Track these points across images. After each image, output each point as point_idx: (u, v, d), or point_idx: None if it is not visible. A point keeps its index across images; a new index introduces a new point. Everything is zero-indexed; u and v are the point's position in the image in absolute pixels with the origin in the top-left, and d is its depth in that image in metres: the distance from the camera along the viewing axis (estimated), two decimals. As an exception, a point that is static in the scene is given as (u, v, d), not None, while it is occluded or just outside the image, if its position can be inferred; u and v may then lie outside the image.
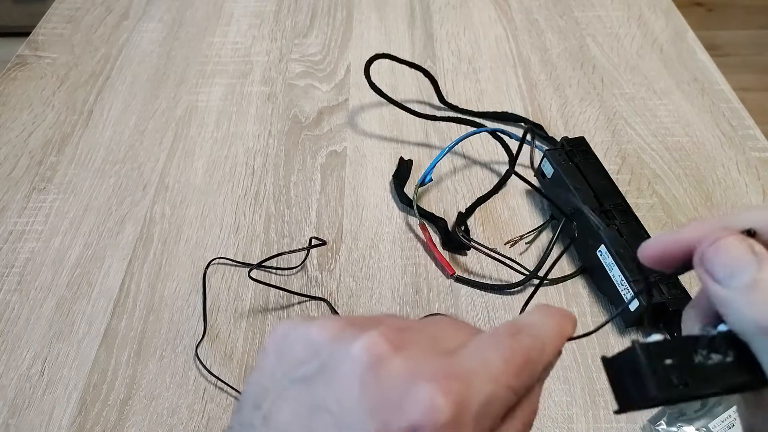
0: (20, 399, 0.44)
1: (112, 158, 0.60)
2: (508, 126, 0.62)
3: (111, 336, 0.47)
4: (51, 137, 0.63)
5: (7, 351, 0.46)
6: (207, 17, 0.78)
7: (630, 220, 0.48)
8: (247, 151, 0.61)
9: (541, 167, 0.54)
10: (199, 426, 0.42)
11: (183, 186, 0.58)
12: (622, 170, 0.58)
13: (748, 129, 0.62)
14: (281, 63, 0.71)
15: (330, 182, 0.58)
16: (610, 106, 0.65)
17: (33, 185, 0.58)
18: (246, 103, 0.66)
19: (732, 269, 0.19)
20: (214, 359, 0.46)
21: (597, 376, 0.44)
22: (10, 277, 0.51)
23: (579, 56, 0.71)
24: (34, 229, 0.54)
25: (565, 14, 0.77)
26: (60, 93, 0.68)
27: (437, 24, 0.76)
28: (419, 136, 0.62)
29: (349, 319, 0.21)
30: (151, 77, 0.69)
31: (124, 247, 0.53)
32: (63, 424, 0.42)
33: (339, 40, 0.74)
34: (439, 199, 0.56)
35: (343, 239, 0.53)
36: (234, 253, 0.52)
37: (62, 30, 0.76)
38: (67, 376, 0.45)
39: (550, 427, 0.42)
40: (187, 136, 0.63)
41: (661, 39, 0.73)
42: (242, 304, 0.49)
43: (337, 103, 0.66)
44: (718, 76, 0.68)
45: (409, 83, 0.68)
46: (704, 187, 0.56)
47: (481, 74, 0.69)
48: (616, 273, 0.45)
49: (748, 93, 1.78)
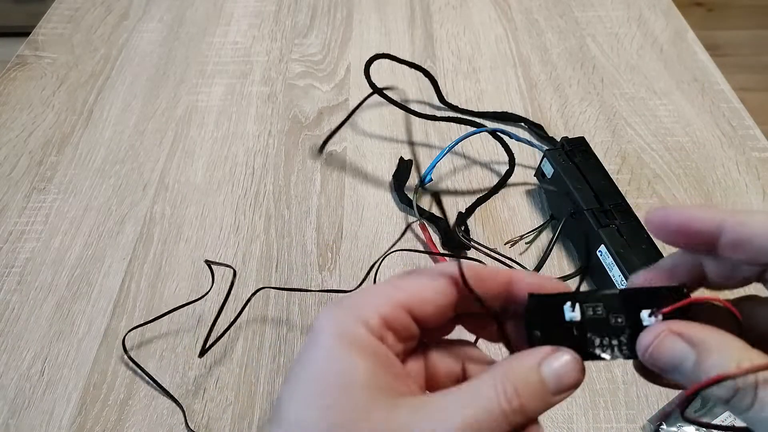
0: (20, 399, 0.44)
1: (112, 158, 0.60)
2: (508, 126, 0.62)
3: (111, 336, 0.47)
4: (51, 137, 0.63)
5: (7, 351, 0.46)
6: (207, 17, 0.78)
7: (630, 220, 0.48)
8: (247, 151, 0.61)
9: (541, 167, 0.54)
10: (199, 426, 0.42)
11: (183, 186, 0.58)
12: (622, 170, 0.58)
13: (748, 129, 0.62)
14: (281, 63, 0.71)
15: (330, 182, 0.58)
16: (610, 106, 0.65)
17: (33, 185, 0.58)
18: (246, 103, 0.66)
19: (675, 366, 0.21)
20: (214, 359, 0.46)
21: (597, 376, 0.44)
22: (10, 277, 0.51)
23: (579, 56, 0.71)
24: (34, 229, 0.54)
25: (565, 14, 0.77)
26: (60, 93, 0.68)
27: (437, 24, 0.76)
28: (419, 136, 0.62)
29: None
30: (151, 77, 0.69)
31: (124, 247, 0.53)
32: (63, 424, 0.42)
33: (339, 40, 0.74)
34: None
35: (343, 239, 0.53)
36: (234, 252, 0.52)
37: (62, 30, 0.76)
38: (67, 376, 0.45)
39: (550, 427, 0.42)
40: (187, 136, 0.63)
41: (661, 39, 0.73)
42: (242, 305, 0.49)
43: (337, 103, 0.66)
44: (718, 76, 0.68)
45: (409, 83, 0.68)
46: (704, 187, 0.56)
47: (481, 74, 0.69)
48: (616, 273, 0.45)
49: (748, 93, 1.78)
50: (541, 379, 0.22)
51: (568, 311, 0.23)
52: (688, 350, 0.20)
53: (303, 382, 0.22)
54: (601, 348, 0.22)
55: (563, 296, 0.23)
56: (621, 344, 0.22)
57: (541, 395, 0.22)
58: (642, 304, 0.22)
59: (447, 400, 0.21)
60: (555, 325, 0.23)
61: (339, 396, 0.21)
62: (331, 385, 0.21)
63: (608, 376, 0.44)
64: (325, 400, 0.21)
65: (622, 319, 0.22)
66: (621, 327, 0.22)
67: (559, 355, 0.22)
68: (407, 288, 0.24)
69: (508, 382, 0.21)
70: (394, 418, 0.21)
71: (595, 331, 0.22)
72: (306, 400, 0.21)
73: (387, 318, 0.23)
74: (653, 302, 0.22)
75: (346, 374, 0.21)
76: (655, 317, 0.22)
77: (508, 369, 0.22)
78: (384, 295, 0.23)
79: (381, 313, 0.23)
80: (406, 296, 0.23)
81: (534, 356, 0.22)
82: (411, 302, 0.23)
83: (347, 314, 0.23)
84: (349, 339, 0.22)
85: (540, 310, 0.23)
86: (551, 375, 0.22)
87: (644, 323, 0.22)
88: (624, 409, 0.43)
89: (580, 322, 0.22)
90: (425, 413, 0.21)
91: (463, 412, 0.21)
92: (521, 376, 0.22)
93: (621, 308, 0.22)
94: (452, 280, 0.24)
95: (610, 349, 0.22)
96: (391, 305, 0.23)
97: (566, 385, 0.22)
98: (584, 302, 0.23)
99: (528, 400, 0.21)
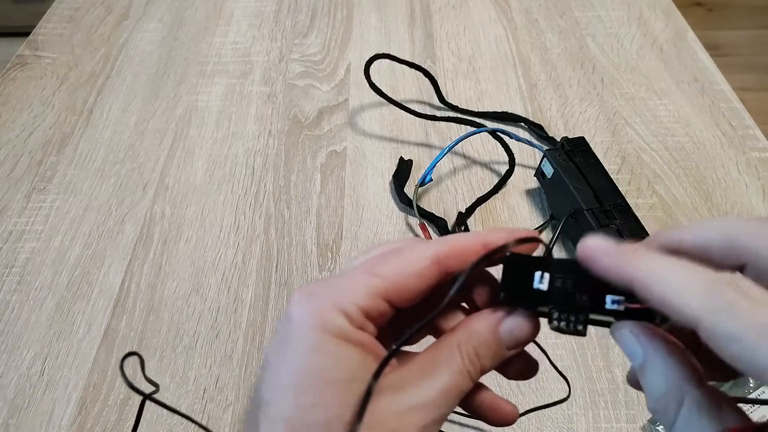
0: (20, 399, 0.44)
1: (112, 158, 0.60)
2: (508, 126, 0.62)
3: (111, 336, 0.47)
4: (51, 137, 0.63)
5: (7, 351, 0.46)
6: (207, 17, 0.78)
7: (630, 220, 0.48)
8: (247, 151, 0.61)
9: (541, 167, 0.54)
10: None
11: (183, 186, 0.58)
12: (622, 170, 0.58)
13: (748, 129, 0.62)
14: (281, 63, 0.71)
15: (330, 182, 0.58)
16: (610, 106, 0.65)
17: (33, 185, 0.58)
18: (246, 103, 0.66)
19: (629, 354, 0.22)
20: (214, 359, 0.46)
21: (597, 376, 0.44)
22: (10, 277, 0.51)
23: (579, 56, 0.71)
24: (34, 229, 0.54)
25: (565, 14, 0.77)
26: (60, 93, 0.68)
27: (437, 24, 0.76)
28: (419, 136, 0.62)
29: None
30: (151, 77, 0.69)
31: (124, 247, 0.53)
32: (63, 424, 0.42)
33: (339, 40, 0.74)
34: (439, 199, 0.56)
35: (343, 239, 0.53)
36: (234, 252, 0.52)
37: (62, 30, 0.76)
38: (67, 376, 0.45)
39: (550, 427, 0.42)
40: (187, 136, 0.63)
41: (661, 39, 0.73)
42: (242, 304, 0.49)
43: (337, 103, 0.66)
44: (718, 76, 0.68)
45: (409, 83, 0.68)
46: (704, 187, 0.56)
47: (481, 74, 0.69)
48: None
49: (748, 93, 1.78)
50: (498, 340, 0.23)
51: (536, 280, 0.23)
52: (640, 352, 0.21)
53: (285, 376, 0.21)
54: (558, 321, 0.23)
55: (537, 263, 0.23)
56: (578, 321, 0.22)
57: (498, 354, 0.24)
58: (609, 287, 0.22)
59: (422, 374, 0.23)
60: (523, 289, 0.23)
61: (323, 392, 0.21)
62: (315, 381, 0.21)
63: (608, 377, 0.44)
64: (309, 397, 0.21)
65: (586, 297, 0.22)
66: (583, 306, 0.22)
67: (515, 316, 0.24)
68: (386, 275, 0.23)
69: (470, 346, 0.23)
70: (380, 409, 0.21)
71: (558, 304, 0.22)
72: (290, 398, 0.21)
73: (366, 309, 0.22)
74: (621, 288, 0.22)
75: (329, 369, 0.21)
76: (617, 306, 0.22)
77: (470, 333, 0.24)
78: (363, 284, 0.23)
79: (360, 304, 0.22)
80: (385, 285, 0.23)
81: (492, 319, 0.24)
82: (390, 291, 0.23)
83: (325, 303, 0.22)
84: (330, 331, 0.22)
85: (512, 275, 0.23)
86: (507, 335, 0.24)
87: (606, 307, 0.22)
88: (624, 409, 0.43)
89: (546, 292, 0.23)
90: (406, 393, 0.22)
91: (438, 382, 0.22)
92: (480, 339, 0.23)
93: (589, 286, 0.22)
94: (434, 260, 0.23)
95: (566, 323, 0.22)
96: (370, 295, 0.22)
97: (520, 342, 0.24)
98: (556, 272, 0.23)
99: (486, 360, 0.23)
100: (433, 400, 0.22)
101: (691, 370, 0.20)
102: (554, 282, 0.23)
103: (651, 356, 0.21)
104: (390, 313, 0.23)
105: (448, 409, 0.23)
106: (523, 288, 0.23)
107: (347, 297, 0.22)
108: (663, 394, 0.20)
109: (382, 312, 0.23)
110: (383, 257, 0.24)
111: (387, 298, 0.23)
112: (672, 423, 0.20)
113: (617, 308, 0.22)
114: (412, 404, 0.22)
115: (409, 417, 0.22)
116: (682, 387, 0.20)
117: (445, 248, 0.24)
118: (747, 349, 0.17)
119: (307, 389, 0.21)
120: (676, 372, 0.20)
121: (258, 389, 0.22)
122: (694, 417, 0.19)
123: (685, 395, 0.20)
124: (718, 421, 0.19)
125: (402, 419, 0.21)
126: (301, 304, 0.22)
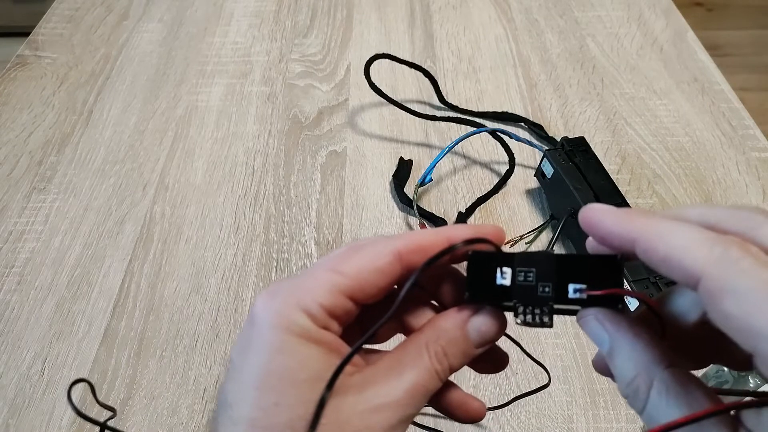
0: (20, 399, 0.44)
1: (112, 158, 0.60)
2: (508, 126, 0.62)
3: (111, 336, 0.47)
4: (51, 137, 0.63)
5: (7, 351, 0.46)
6: (207, 17, 0.78)
7: (630, 220, 0.48)
8: (247, 151, 0.61)
9: (541, 167, 0.54)
10: (199, 426, 0.42)
11: (183, 186, 0.58)
12: (622, 170, 0.58)
13: (748, 129, 0.62)
14: (281, 63, 0.71)
15: (330, 182, 0.58)
16: (610, 106, 0.65)
17: (33, 185, 0.58)
18: (246, 103, 0.66)
19: (597, 341, 0.22)
20: (213, 359, 0.46)
21: (597, 376, 0.44)
22: (10, 277, 0.51)
23: (579, 56, 0.71)
24: (34, 229, 0.54)
25: (565, 14, 0.77)
26: (60, 93, 0.68)
27: (437, 24, 0.76)
28: (419, 136, 0.62)
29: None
30: (151, 77, 0.69)
31: (124, 247, 0.53)
32: (63, 424, 0.42)
33: (339, 40, 0.74)
34: (439, 199, 0.56)
35: (343, 239, 0.53)
36: (234, 252, 0.52)
37: (62, 30, 0.76)
38: (67, 376, 0.45)
39: (550, 427, 0.42)
40: (187, 136, 0.63)
41: (661, 39, 0.73)
42: (242, 304, 0.49)
43: (337, 103, 0.66)
44: (718, 76, 0.68)
45: (409, 83, 0.68)
46: (704, 187, 0.56)
47: (481, 74, 0.69)
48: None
49: (748, 93, 1.78)
50: (466, 338, 0.23)
51: (499, 276, 0.23)
52: (606, 338, 0.21)
53: (248, 377, 0.21)
54: (523, 314, 0.23)
55: (500, 258, 0.23)
56: (543, 313, 0.22)
57: (467, 352, 0.24)
58: (572, 276, 0.22)
59: (388, 373, 0.23)
60: (487, 286, 0.23)
61: (286, 392, 0.21)
62: (277, 381, 0.21)
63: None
64: (272, 397, 0.21)
65: (549, 288, 0.22)
66: (546, 297, 0.22)
67: (481, 314, 0.23)
68: (349, 272, 0.22)
69: (438, 345, 0.23)
70: (344, 408, 0.21)
71: (521, 299, 0.23)
72: (253, 398, 0.21)
73: (329, 307, 0.22)
74: (583, 276, 0.22)
75: (292, 369, 0.21)
76: (580, 294, 0.22)
77: (438, 332, 0.23)
78: (325, 282, 0.22)
79: (323, 303, 0.22)
80: (348, 283, 0.22)
81: (459, 317, 0.24)
82: (353, 289, 0.22)
83: (288, 303, 0.22)
84: (293, 331, 0.21)
85: (476, 272, 0.23)
86: (474, 333, 0.23)
87: (569, 296, 0.22)
88: (624, 409, 0.43)
89: (509, 287, 0.23)
90: (371, 392, 0.22)
91: (404, 382, 0.22)
92: (448, 337, 0.23)
93: (551, 276, 0.22)
94: (396, 256, 0.23)
95: (531, 316, 0.22)
96: (333, 294, 0.22)
97: (488, 339, 0.24)
98: (518, 266, 0.23)
99: (454, 359, 0.23)
100: (399, 400, 0.22)
101: (659, 352, 0.20)
102: (516, 276, 0.23)
103: (617, 341, 0.21)
104: (355, 311, 0.23)
105: (414, 409, 0.22)
106: (487, 285, 0.23)
107: (310, 296, 0.22)
108: (632, 379, 0.20)
109: (347, 310, 0.23)
110: (346, 254, 0.23)
111: (350, 296, 0.23)
112: (643, 407, 0.20)
113: (580, 296, 0.22)
114: (378, 404, 0.22)
115: (374, 417, 0.21)
116: (650, 369, 0.20)
117: (407, 244, 0.23)
118: (746, 305, 0.16)
119: (270, 389, 0.21)
120: (643, 355, 0.20)
121: (222, 391, 0.22)
122: (662, 399, 0.19)
123: (654, 378, 0.20)
124: (688, 403, 0.19)
125: (367, 419, 0.21)
126: (264, 304, 0.22)
